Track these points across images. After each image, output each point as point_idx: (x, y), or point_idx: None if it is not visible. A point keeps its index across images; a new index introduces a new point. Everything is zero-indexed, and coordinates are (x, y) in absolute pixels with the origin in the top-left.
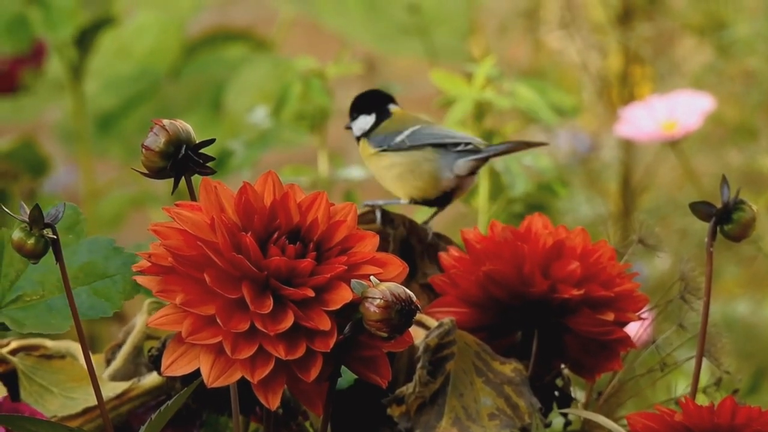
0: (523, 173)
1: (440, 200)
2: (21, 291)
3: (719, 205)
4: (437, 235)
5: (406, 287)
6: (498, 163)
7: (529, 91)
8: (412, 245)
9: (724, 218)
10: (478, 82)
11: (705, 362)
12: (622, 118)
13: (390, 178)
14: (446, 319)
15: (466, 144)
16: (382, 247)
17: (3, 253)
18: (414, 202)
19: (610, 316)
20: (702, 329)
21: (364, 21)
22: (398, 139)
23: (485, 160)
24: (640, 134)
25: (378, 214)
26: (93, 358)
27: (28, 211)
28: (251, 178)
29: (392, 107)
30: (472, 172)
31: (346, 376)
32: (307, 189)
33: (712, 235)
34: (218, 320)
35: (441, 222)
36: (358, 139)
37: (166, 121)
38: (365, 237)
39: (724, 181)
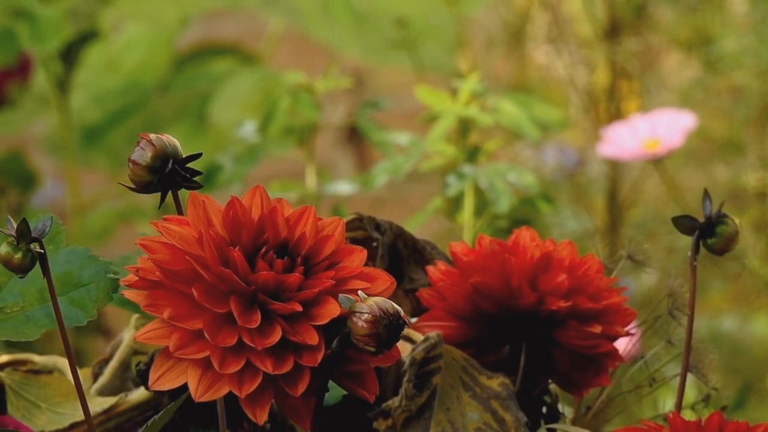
0: (507, 191)
1: None
2: (3, 303)
3: (703, 220)
4: (424, 241)
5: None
6: (482, 180)
7: (513, 107)
8: (399, 250)
9: (707, 232)
10: (463, 98)
11: (693, 378)
12: (604, 138)
13: None
14: (432, 333)
15: None
16: (370, 253)
17: None
18: None
19: (598, 329)
20: (687, 344)
21: (353, 34)
22: None
23: None
24: (623, 153)
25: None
26: (80, 372)
27: (15, 226)
28: (240, 193)
29: None
30: None
31: (334, 392)
32: (295, 204)
33: (696, 249)
34: (206, 335)
35: (427, 237)
36: None
37: (152, 136)
38: (353, 251)
39: (707, 195)
